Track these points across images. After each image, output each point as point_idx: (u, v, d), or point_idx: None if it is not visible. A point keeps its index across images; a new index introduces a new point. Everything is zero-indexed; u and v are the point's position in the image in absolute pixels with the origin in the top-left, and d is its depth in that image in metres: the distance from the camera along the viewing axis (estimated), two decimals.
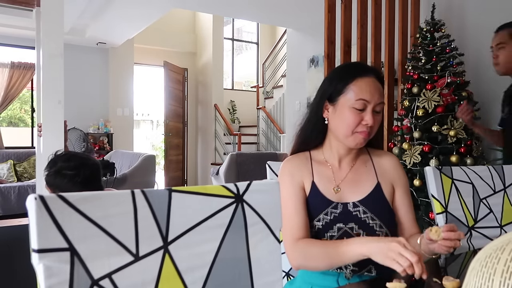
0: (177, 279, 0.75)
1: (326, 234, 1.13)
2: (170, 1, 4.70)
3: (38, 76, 2.86)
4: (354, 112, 1.12)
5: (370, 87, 1.12)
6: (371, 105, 1.12)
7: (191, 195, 0.78)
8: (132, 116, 7.14)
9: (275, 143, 7.54)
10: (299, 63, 5.44)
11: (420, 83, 2.90)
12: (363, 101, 1.11)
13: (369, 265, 1.11)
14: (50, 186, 1.55)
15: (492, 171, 1.42)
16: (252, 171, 4.91)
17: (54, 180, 1.53)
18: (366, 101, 1.11)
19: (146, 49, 7.56)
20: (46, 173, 1.54)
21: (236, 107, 8.72)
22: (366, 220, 1.13)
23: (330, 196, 1.16)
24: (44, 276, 0.61)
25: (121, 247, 0.69)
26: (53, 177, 1.52)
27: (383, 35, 3.23)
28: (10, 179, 5.44)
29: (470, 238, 1.32)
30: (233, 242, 0.82)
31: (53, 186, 1.54)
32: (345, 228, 1.12)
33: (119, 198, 0.71)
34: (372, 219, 1.13)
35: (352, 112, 1.12)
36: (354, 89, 1.13)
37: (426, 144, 2.74)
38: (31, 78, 6.09)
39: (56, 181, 1.52)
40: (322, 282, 1.13)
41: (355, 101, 1.12)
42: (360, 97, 1.11)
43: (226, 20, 8.56)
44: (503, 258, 0.46)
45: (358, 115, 1.12)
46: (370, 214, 1.13)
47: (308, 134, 1.24)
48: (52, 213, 0.63)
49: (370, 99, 1.11)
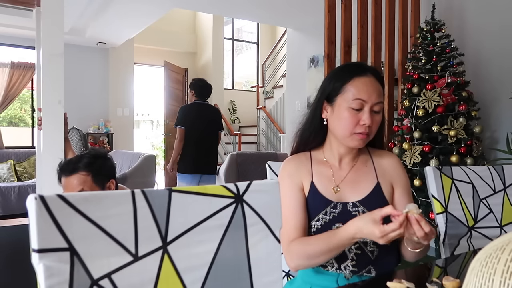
0: (176, 279, 0.75)
1: None
2: (170, 0, 4.70)
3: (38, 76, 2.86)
4: (351, 112, 1.11)
5: (367, 86, 1.12)
6: (369, 104, 1.11)
7: (191, 195, 0.78)
8: (132, 116, 7.14)
9: (275, 143, 7.55)
10: (299, 63, 5.44)
11: (420, 83, 2.90)
12: (360, 100, 1.11)
13: (368, 265, 1.12)
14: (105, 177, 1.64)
15: (492, 171, 1.42)
16: (252, 171, 4.91)
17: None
18: (363, 100, 1.11)
19: (146, 49, 7.57)
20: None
21: (236, 107, 8.72)
22: None
23: (330, 196, 1.16)
24: (44, 276, 0.61)
25: (121, 247, 0.69)
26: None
27: (383, 35, 3.24)
28: (10, 179, 5.45)
29: (470, 238, 1.32)
30: (233, 242, 0.82)
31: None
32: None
33: (119, 198, 0.71)
34: None
35: (350, 112, 1.12)
36: (351, 89, 1.12)
37: (426, 144, 2.74)
38: (31, 78, 6.10)
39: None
40: (321, 282, 1.13)
41: (352, 101, 1.11)
42: (357, 97, 1.11)
43: (226, 20, 8.56)
44: (503, 258, 0.46)
45: (355, 115, 1.11)
46: None
47: (307, 135, 1.24)
48: (52, 213, 0.63)
49: (367, 99, 1.11)
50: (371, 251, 1.11)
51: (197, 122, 3.74)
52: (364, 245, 1.12)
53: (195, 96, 3.84)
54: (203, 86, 3.87)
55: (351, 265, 1.11)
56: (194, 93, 3.84)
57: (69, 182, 1.57)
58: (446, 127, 2.72)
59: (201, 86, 3.86)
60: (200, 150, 3.75)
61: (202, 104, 3.84)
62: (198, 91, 3.83)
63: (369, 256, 1.11)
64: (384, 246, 1.12)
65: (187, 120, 3.75)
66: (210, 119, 3.83)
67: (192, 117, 3.75)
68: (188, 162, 3.74)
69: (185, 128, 3.72)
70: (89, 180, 1.57)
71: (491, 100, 3.15)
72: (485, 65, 3.23)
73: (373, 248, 1.12)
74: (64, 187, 1.59)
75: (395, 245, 1.14)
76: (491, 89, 3.17)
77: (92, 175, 1.58)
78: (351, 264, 1.11)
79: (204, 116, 3.78)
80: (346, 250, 1.11)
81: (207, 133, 3.79)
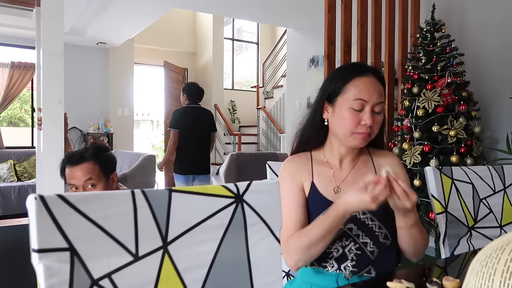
0: (176, 279, 0.75)
1: None
2: (170, 0, 4.70)
3: (38, 76, 2.86)
4: (352, 112, 1.11)
5: (368, 86, 1.12)
6: (370, 105, 1.11)
7: (191, 195, 0.78)
8: (132, 116, 7.14)
9: (275, 143, 7.55)
10: (299, 63, 5.44)
11: (420, 83, 2.90)
12: (361, 101, 1.10)
13: (368, 265, 1.11)
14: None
15: (492, 171, 1.42)
16: (252, 171, 4.91)
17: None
18: (364, 100, 1.10)
19: (146, 49, 7.57)
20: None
21: (236, 107, 8.72)
22: (365, 221, 1.13)
23: (330, 196, 1.16)
24: (44, 276, 0.61)
25: (121, 247, 0.69)
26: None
27: (383, 35, 3.23)
28: (10, 179, 5.45)
29: (470, 238, 1.32)
30: (233, 242, 0.82)
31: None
32: (344, 228, 1.12)
33: (119, 198, 0.71)
34: (372, 220, 1.13)
35: (350, 113, 1.11)
36: (352, 89, 1.12)
37: (426, 144, 2.74)
38: (31, 78, 6.10)
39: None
40: (321, 282, 1.13)
41: (353, 101, 1.11)
42: (357, 97, 1.11)
43: (226, 20, 8.56)
44: (503, 258, 0.46)
45: (356, 116, 1.11)
46: (369, 215, 1.13)
47: (308, 135, 1.24)
48: (52, 213, 0.63)
49: (368, 99, 1.10)
50: (371, 252, 1.11)
51: (191, 125, 3.88)
52: (364, 245, 1.12)
53: (188, 100, 3.97)
54: (196, 90, 4.00)
55: (351, 265, 1.11)
56: (187, 97, 3.97)
57: (76, 172, 1.58)
58: (446, 127, 2.72)
59: (194, 90, 4.00)
60: (193, 152, 3.90)
61: (194, 108, 3.97)
62: (191, 95, 3.97)
63: (369, 256, 1.11)
64: (384, 246, 1.12)
65: (181, 123, 3.88)
66: (203, 122, 3.98)
67: (185, 121, 3.89)
68: (183, 164, 3.90)
69: (179, 131, 3.86)
70: (96, 169, 1.60)
71: (491, 100, 3.15)
72: (485, 65, 3.23)
73: (373, 249, 1.12)
74: (69, 177, 1.59)
75: (394, 245, 1.14)
76: (491, 89, 3.17)
77: (99, 165, 1.61)
78: (351, 265, 1.11)
79: (197, 119, 3.93)
80: (346, 251, 1.11)
81: (200, 136, 3.94)
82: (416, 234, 1.08)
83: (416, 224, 1.07)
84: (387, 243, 1.13)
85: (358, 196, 0.97)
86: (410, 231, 1.07)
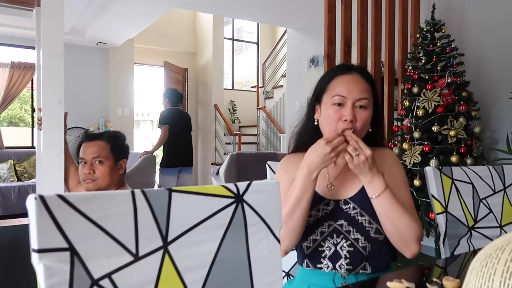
0: (176, 279, 0.75)
1: (316, 230, 1.15)
2: (170, 1, 4.70)
3: (38, 76, 2.85)
4: (334, 108, 1.15)
5: (348, 83, 1.16)
6: (350, 100, 1.14)
7: (191, 195, 0.78)
8: (132, 116, 7.14)
9: (275, 143, 7.55)
10: (299, 63, 5.44)
11: (420, 83, 2.90)
12: (339, 96, 1.15)
13: (362, 262, 1.12)
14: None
15: (492, 171, 1.42)
16: (252, 171, 4.91)
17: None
18: (343, 96, 1.14)
19: (146, 49, 7.56)
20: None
21: (236, 107, 8.72)
22: (355, 217, 1.14)
23: (323, 193, 1.18)
24: (44, 276, 0.61)
25: (121, 247, 0.69)
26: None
27: (383, 35, 3.23)
28: (10, 179, 5.44)
29: (470, 238, 1.32)
30: (233, 242, 0.82)
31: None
32: (334, 225, 1.14)
33: (119, 198, 0.71)
34: (361, 215, 1.13)
35: (333, 109, 1.15)
36: (333, 86, 1.17)
37: (426, 144, 2.74)
38: (31, 78, 6.10)
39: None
40: (319, 282, 1.14)
41: (332, 97, 1.16)
42: (336, 93, 1.15)
43: (226, 20, 8.56)
44: (503, 258, 0.46)
45: (338, 112, 1.15)
46: (359, 210, 1.14)
47: (305, 138, 1.26)
48: (52, 213, 0.63)
49: (347, 95, 1.14)
50: (363, 247, 1.12)
51: (176, 123, 4.63)
52: (356, 241, 1.12)
53: (170, 104, 4.74)
54: (176, 95, 4.82)
55: (345, 263, 1.12)
56: (168, 101, 4.75)
57: (88, 147, 1.70)
58: (446, 127, 2.72)
59: (174, 95, 4.80)
60: (177, 148, 4.65)
61: (176, 110, 4.75)
62: (172, 99, 4.76)
63: (361, 252, 1.12)
64: (376, 241, 1.13)
65: (169, 120, 4.60)
66: (184, 122, 4.79)
67: (170, 120, 4.60)
68: (170, 158, 4.65)
69: (168, 127, 4.57)
70: (107, 148, 1.71)
71: (491, 100, 3.16)
72: (485, 65, 3.23)
73: (365, 244, 1.12)
74: (82, 152, 1.72)
75: (387, 240, 1.14)
76: (491, 89, 3.18)
77: (111, 146, 1.72)
78: (345, 263, 1.12)
79: (179, 120, 4.70)
80: (339, 248, 1.12)
81: (183, 134, 4.72)
82: (396, 217, 1.08)
83: (393, 204, 1.08)
84: (379, 238, 1.13)
85: (318, 150, 1.06)
86: (388, 213, 1.08)
